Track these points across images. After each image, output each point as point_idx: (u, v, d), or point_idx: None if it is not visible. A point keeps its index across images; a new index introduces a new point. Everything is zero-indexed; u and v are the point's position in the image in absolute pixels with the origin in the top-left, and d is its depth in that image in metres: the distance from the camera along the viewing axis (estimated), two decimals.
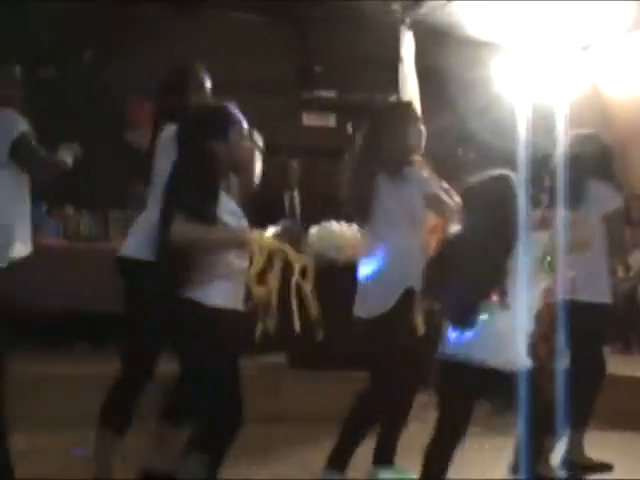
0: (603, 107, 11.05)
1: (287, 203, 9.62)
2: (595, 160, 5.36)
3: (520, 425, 3.99)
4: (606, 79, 11.35)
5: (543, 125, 5.53)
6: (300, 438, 6.28)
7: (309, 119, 10.53)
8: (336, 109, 10.36)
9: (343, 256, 6.75)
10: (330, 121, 10.37)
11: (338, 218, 7.20)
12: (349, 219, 6.72)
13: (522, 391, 3.82)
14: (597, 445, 5.44)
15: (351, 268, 5.28)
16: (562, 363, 4.72)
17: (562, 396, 4.41)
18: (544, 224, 4.99)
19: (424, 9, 10.13)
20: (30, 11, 9.18)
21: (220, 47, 9.71)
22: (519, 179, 4.17)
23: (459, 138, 10.16)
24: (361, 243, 5.75)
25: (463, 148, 10.03)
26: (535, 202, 4.79)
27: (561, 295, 4.61)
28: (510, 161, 4.69)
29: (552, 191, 5.30)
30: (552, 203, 5.25)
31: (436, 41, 10.52)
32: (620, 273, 8.98)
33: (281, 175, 9.55)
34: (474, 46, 10.87)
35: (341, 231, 6.96)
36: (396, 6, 10.01)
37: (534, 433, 4.05)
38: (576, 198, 5.16)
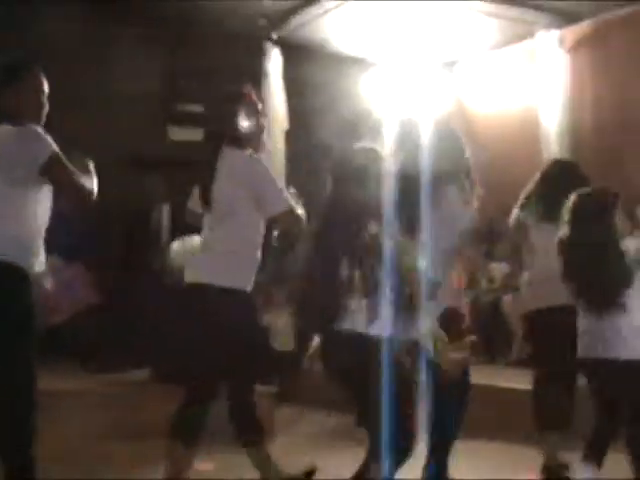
0: (468, 123, 11.27)
1: (154, 217, 9.51)
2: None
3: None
4: (471, 95, 11.59)
5: (408, 140, 5.54)
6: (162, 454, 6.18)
7: (176, 133, 10.44)
8: (203, 123, 10.29)
9: None
10: (197, 135, 10.29)
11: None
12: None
13: None
14: (465, 455, 5.47)
15: None
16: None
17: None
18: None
19: (292, 24, 10.17)
20: None
21: (88, 59, 9.57)
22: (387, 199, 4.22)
23: (326, 152, 10.19)
24: None
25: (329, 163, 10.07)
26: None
27: None
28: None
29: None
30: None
31: (304, 56, 10.58)
32: (484, 284, 9.14)
33: (147, 189, 9.44)
34: (342, 62, 10.97)
35: None
36: (262, 21, 10.01)
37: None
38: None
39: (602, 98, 9.86)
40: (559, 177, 5.66)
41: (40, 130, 4.32)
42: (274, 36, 10.31)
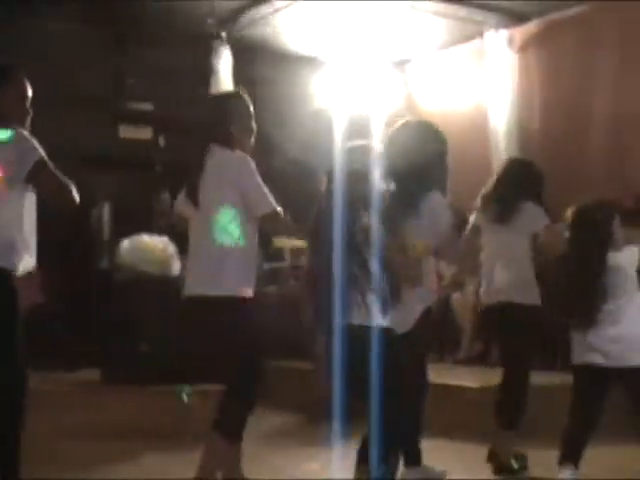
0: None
1: (94, 215, 9.47)
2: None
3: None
4: (421, 94, 11.64)
5: (360, 137, 5.56)
6: (116, 454, 6.14)
7: (125, 131, 10.38)
8: (152, 122, 10.26)
9: (154, 269, 6.69)
10: (146, 134, 10.25)
11: (151, 231, 7.14)
12: (161, 232, 6.67)
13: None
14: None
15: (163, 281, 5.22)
16: None
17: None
18: None
19: (242, 23, 10.14)
20: None
21: (36, 58, 9.47)
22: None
23: (275, 150, 10.19)
24: (173, 257, 5.67)
25: (280, 162, 10.05)
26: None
27: None
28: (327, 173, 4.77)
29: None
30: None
31: (254, 55, 10.57)
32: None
33: (94, 188, 9.37)
34: (292, 60, 10.97)
35: (153, 244, 6.89)
36: (212, 20, 9.97)
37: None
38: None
39: (549, 97, 9.94)
40: (515, 177, 5.70)
41: (27, 134, 4.31)
42: (224, 35, 10.26)
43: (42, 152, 4.25)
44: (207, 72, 10.12)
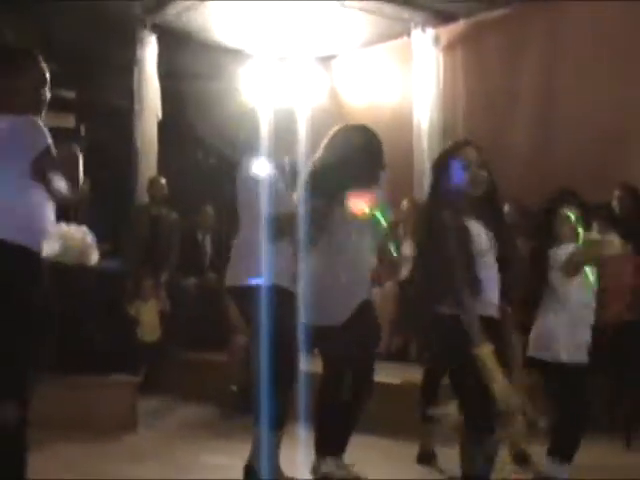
0: (342, 115, 11.37)
1: None
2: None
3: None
4: (347, 90, 11.67)
5: (284, 131, 5.55)
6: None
7: (47, 119, 10.16)
8: (75, 110, 10.10)
9: (71, 258, 6.59)
10: (69, 122, 10.08)
11: (68, 220, 7.01)
12: (80, 222, 6.57)
13: None
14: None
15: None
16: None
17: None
18: None
19: (168, 12, 10.05)
20: None
21: None
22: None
23: (199, 143, 10.14)
24: (91, 246, 5.59)
25: (203, 153, 10.02)
26: None
27: None
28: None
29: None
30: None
31: (180, 45, 10.47)
32: None
33: None
34: (219, 52, 10.90)
35: (70, 233, 6.79)
36: (137, 8, 9.86)
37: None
38: None
39: (474, 95, 10.06)
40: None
41: (40, 122, 4.17)
42: (149, 23, 10.15)
43: (50, 141, 4.14)
44: (132, 61, 10.00)
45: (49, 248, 6.95)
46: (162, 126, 9.72)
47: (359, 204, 4.84)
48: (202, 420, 7.08)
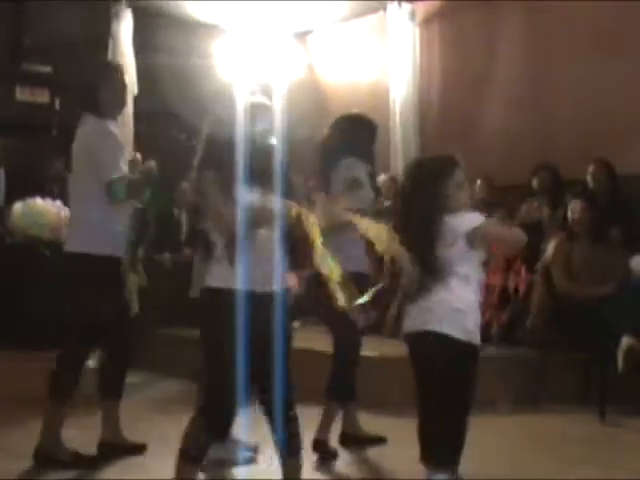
0: (319, 90, 11.39)
1: None
2: None
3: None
4: (323, 65, 11.66)
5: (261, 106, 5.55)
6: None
7: (22, 94, 10.12)
8: (50, 85, 10.03)
9: (47, 233, 6.58)
10: (44, 97, 10.02)
11: (44, 195, 6.99)
12: (54, 197, 6.55)
13: None
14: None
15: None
16: None
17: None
18: None
19: None
20: None
21: None
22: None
23: (176, 122, 10.09)
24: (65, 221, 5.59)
25: (186, 134, 9.95)
26: None
27: None
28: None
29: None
30: None
31: (155, 20, 10.42)
32: None
33: None
34: (194, 27, 10.86)
35: (45, 208, 6.77)
36: None
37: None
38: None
39: (450, 70, 10.09)
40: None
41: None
42: None
43: None
44: (107, 36, 9.94)
45: (20, 221, 6.95)
46: (137, 101, 9.66)
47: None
48: (179, 395, 7.09)
